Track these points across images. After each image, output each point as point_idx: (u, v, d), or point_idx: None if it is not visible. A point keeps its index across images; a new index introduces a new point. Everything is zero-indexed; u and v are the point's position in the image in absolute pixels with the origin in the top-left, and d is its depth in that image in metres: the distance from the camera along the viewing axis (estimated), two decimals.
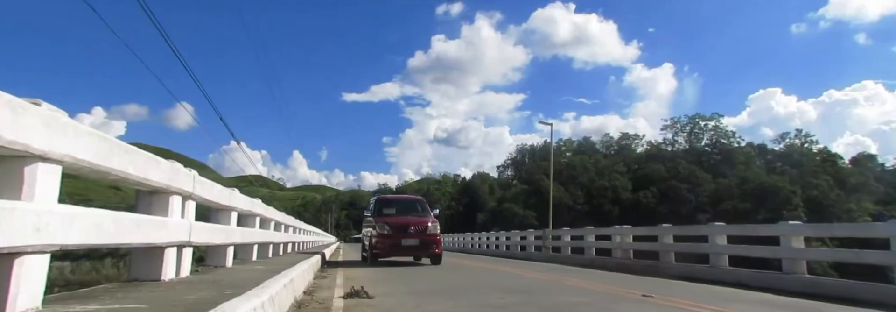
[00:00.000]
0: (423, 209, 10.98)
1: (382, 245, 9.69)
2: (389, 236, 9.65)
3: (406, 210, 10.78)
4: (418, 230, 9.78)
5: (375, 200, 11.69)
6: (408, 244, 9.67)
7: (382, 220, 10.00)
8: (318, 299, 4.39)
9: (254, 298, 2.63)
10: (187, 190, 3.67)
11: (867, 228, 6.65)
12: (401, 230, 9.69)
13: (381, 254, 9.84)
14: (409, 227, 9.75)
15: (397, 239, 9.62)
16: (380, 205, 11.06)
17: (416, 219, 10.13)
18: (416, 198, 12.56)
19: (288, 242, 10.52)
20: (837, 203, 49.47)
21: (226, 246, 5.21)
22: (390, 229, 9.72)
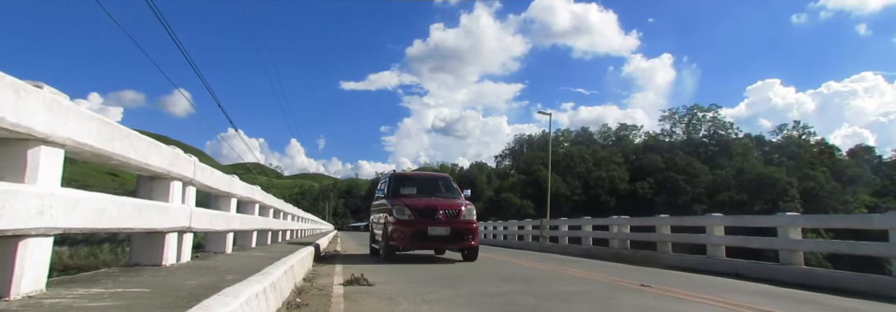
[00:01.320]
0: (451, 189, 8.63)
1: (402, 235, 7.31)
2: (412, 222, 7.33)
3: (429, 190, 8.47)
4: (449, 215, 7.49)
5: (390, 177, 8.81)
6: (436, 234, 7.31)
7: (402, 202, 7.63)
8: (318, 285, 4.41)
9: (255, 284, 2.64)
10: (188, 176, 3.66)
11: (864, 219, 6.69)
12: (427, 214, 7.44)
13: (400, 246, 7.45)
14: (437, 211, 7.46)
15: (422, 227, 7.29)
16: (396, 183, 8.50)
17: (445, 201, 7.84)
18: (441, 175, 10.02)
19: (286, 229, 10.54)
20: (834, 195, 49.80)
21: (226, 232, 5.22)
22: (413, 213, 7.40)
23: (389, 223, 7.49)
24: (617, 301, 3.82)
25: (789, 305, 4.00)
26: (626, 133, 71.92)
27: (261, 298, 2.60)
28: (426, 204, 7.64)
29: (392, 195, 8.13)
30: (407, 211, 7.42)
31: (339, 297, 3.69)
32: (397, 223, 7.39)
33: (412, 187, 8.49)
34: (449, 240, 7.50)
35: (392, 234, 7.41)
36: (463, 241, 7.52)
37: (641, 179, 57.14)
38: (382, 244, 7.77)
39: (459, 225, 7.46)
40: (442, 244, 7.76)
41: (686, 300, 4.06)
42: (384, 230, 7.68)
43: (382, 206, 8.25)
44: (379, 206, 8.70)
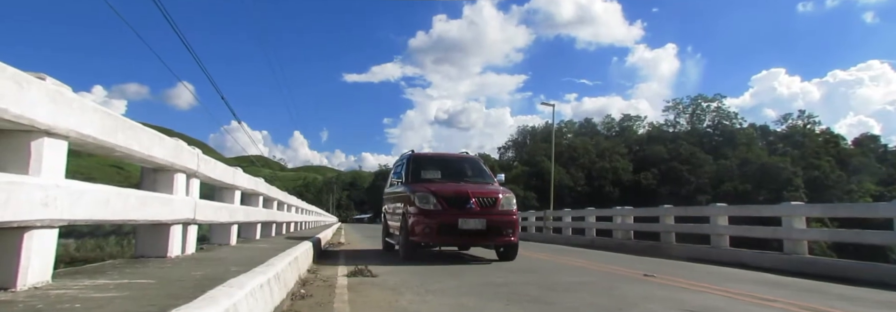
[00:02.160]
0: (481, 173, 7.28)
1: (426, 228, 5.93)
2: (438, 213, 5.95)
3: (456, 174, 7.10)
4: (484, 204, 6.07)
5: (409, 158, 7.37)
6: (468, 228, 5.88)
7: (425, 188, 6.23)
8: (323, 277, 4.44)
9: (260, 275, 2.65)
10: (191, 168, 3.67)
11: (869, 208, 6.66)
12: (457, 203, 6.03)
13: (423, 242, 6.09)
14: (469, 200, 6.05)
15: (451, 219, 5.89)
16: (416, 166, 7.16)
17: (478, 188, 6.46)
18: (468, 156, 8.14)
19: (290, 221, 10.59)
20: (838, 184, 49.62)
21: (230, 225, 5.25)
22: (440, 202, 6.01)
23: (409, 213, 6.09)
24: (620, 291, 3.83)
25: (791, 293, 4.00)
26: (629, 124, 71.67)
27: (265, 289, 2.61)
28: (455, 191, 6.18)
29: (412, 180, 6.78)
30: (432, 199, 6.01)
31: (343, 288, 3.72)
32: (420, 214, 5.96)
33: (435, 171, 7.11)
34: (484, 235, 5.97)
35: (413, 227, 5.97)
36: (501, 236, 6.02)
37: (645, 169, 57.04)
38: (401, 239, 6.37)
39: (497, 217, 6.03)
40: (475, 239, 6.14)
41: (689, 289, 4.07)
42: (403, 222, 6.23)
43: (400, 194, 6.82)
44: (395, 194, 7.21)
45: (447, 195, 6.12)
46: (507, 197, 6.29)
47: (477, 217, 5.95)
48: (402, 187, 6.84)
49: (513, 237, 6.10)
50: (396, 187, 7.30)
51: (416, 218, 6.00)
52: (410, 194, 6.25)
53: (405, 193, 6.48)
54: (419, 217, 5.99)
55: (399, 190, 6.99)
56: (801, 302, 3.50)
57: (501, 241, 6.13)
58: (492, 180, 7.07)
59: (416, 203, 6.05)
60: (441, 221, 5.92)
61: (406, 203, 6.31)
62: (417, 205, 6.03)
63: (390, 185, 8.01)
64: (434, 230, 5.91)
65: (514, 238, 6.13)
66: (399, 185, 7.14)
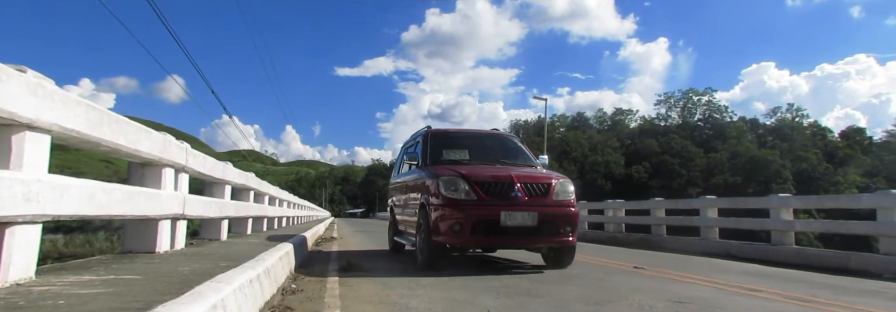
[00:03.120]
0: (519, 154, 5.77)
1: (456, 225, 4.39)
2: (473, 204, 4.44)
3: (488, 155, 5.56)
4: (533, 192, 4.57)
5: (426, 135, 5.75)
6: (514, 224, 4.40)
7: (454, 171, 4.70)
8: (315, 272, 4.44)
9: (249, 270, 2.64)
10: (180, 162, 3.63)
11: (854, 199, 6.77)
12: (497, 191, 4.52)
13: (451, 243, 4.49)
14: (513, 186, 4.53)
15: (491, 211, 4.40)
16: (437, 144, 5.59)
17: (523, 171, 4.93)
18: (501, 133, 6.61)
19: (282, 216, 10.55)
20: (825, 176, 50.32)
21: (220, 219, 5.22)
22: (474, 189, 4.49)
23: (431, 206, 4.55)
24: (611, 283, 3.86)
25: (777, 283, 4.06)
26: (621, 118, 71.96)
27: (255, 284, 2.60)
28: (494, 175, 4.63)
29: (432, 162, 5.27)
30: (463, 185, 4.45)
31: (334, 283, 3.71)
32: (447, 206, 4.42)
33: (461, 150, 5.55)
34: (535, 233, 4.46)
35: (437, 224, 4.42)
36: (556, 235, 4.53)
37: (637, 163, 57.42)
38: (420, 240, 4.79)
39: (551, 209, 4.51)
40: (523, 239, 4.55)
41: (678, 281, 4.11)
42: (422, 217, 4.75)
43: (415, 180, 5.36)
44: (408, 181, 5.77)
45: (484, 181, 4.50)
46: (563, 184, 4.69)
47: (526, 210, 4.37)
48: (419, 171, 5.25)
49: (572, 237, 4.57)
50: (410, 173, 5.70)
51: (442, 212, 4.39)
52: (432, 179, 4.66)
53: (424, 179, 4.92)
54: (446, 210, 4.38)
55: (414, 176, 5.41)
56: (787, 292, 3.55)
57: (557, 241, 4.55)
58: (534, 163, 5.51)
59: (441, 192, 4.45)
60: (477, 215, 4.33)
61: (425, 193, 4.76)
62: (443, 194, 4.43)
63: (399, 171, 6.60)
64: (467, 227, 4.31)
65: (573, 238, 4.59)
66: (413, 169, 5.56)
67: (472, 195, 4.45)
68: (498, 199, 4.46)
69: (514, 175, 4.62)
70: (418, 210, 4.93)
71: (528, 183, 4.58)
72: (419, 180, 5.18)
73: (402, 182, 6.22)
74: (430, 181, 4.75)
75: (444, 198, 4.47)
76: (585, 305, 2.91)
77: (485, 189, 4.48)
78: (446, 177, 4.58)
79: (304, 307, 2.82)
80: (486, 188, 4.49)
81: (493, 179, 4.58)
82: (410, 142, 6.41)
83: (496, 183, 4.54)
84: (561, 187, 4.68)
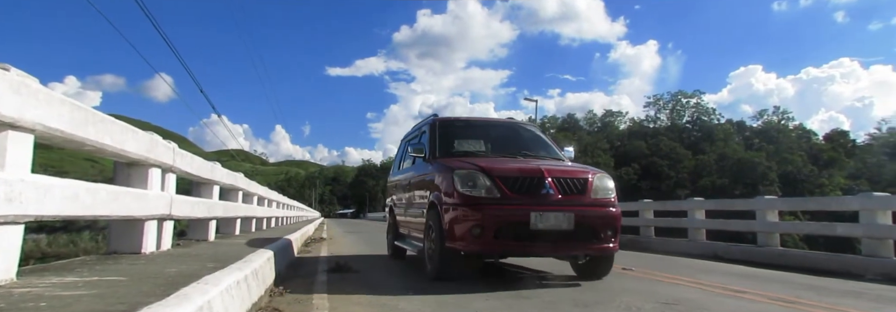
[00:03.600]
0: (542, 145, 5.03)
1: (476, 228, 3.67)
2: (496, 203, 3.75)
3: (507, 146, 4.87)
4: (568, 189, 3.86)
5: (433, 124, 4.99)
6: (547, 227, 3.67)
7: (471, 164, 4.01)
8: (303, 273, 4.41)
9: (237, 271, 2.62)
10: (167, 162, 3.59)
11: (837, 201, 6.89)
12: (525, 188, 3.80)
13: (470, 249, 3.73)
14: (543, 182, 3.82)
15: (519, 212, 3.70)
16: (447, 133, 4.88)
17: (552, 164, 4.22)
18: (520, 122, 6.21)
19: (271, 216, 10.47)
20: (810, 178, 51.11)
21: (208, 220, 5.17)
22: (497, 185, 3.78)
23: (444, 205, 3.85)
24: (598, 285, 3.89)
25: (761, 284, 4.12)
26: (611, 119, 72.48)
27: (242, 285, 2.58)
28: (521, 168, 3.93)
29: (443, 154, 4.54)
30: (483, 181, 3.74)
31: (322, 284, 3.70)
32: (464, 206, 3.70)
33: (476, 141, 4.92)
34: (571, 238, 3.71)
35: (451, 227, 3.72)
36: (596, 241, 3.78)
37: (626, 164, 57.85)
38: (429, 246, 4.13)
39: (590, 210, 3.79)
40: (557, 245, 3.77)
41: (666, 282, 4.15)
42: (433, 218, 4.01)
43: (421, 176, 4.70)
44: (411, 179, 5.07)
45: (508, 175, 3.77)
46: (602, 179, 3.97)
47: (559, 210, 3.63)
48: (427, 166, 4.56)
49: (614, 243, 3.83)
50: (415, 167, 4.98)
51: (458, 212, 3.68)
52: (445, 174, 3.97)
53: (433, 174, 4.28)
54: (462, 211, 3.67)
55: (420, 171, 4.74)
56: (770, 293, 3.61)
57: (597, 248, 3.79)
58: (560, 156, 4.80)
59: (456, 189, 3.75)
60: (501, 216, 3.62)
61: (436, 190, 4.09)
62: (459, 191, 3.73)
63: (400, 167, 5.90)
64: (489, 231, 3.57)
65: (614, 245, 3.83)
66: (419, 163, 4.82)
67: (495, 193, 3.69)
68: (526, 197, 3.70)
69: (545, 169, 3.85)
70: (426, 211, 4.25)
71: (562, 178, 3.82)
72: (427, 175, 4.46)
73: (404, 179, 5.43)
74: (442, 176, 4.06)
75: (461, 196, 3.72)
76: (574, 306, 2.93)
77: (510, 186, 3.72)
78: (463, 171, 3.84)
79: (292, 308, 2.81)
80: (512, 184, 3.73)
81: (520, 173, 3.82)
82: (414, 133, 5.66)
83: (523, 178, 3.77)
84: (600, 183, 3.93)
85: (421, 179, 4.71)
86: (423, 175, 4.63)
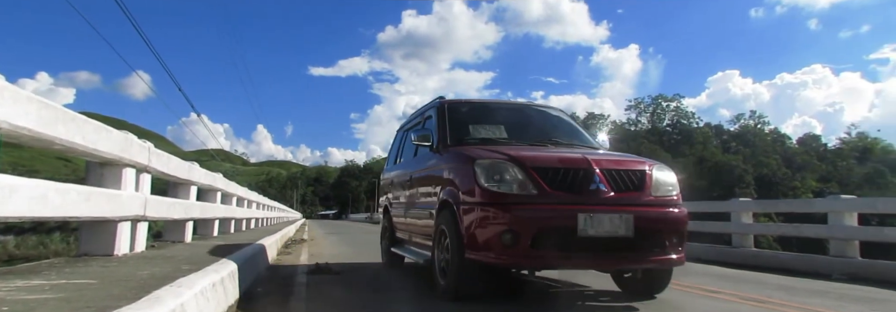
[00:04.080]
0: (573, 133, 4.29)
1: (508, 235, 2.74)
2: (532, 203, 2.85)
3: (533, 133, 4.07)
4: (622, 185, 2.99)
5: (442, 106, 4.15)
6: (600, 233, 2.77)
7: (498, 153, 3.13)
8: (283, 274, 4.36)
9: (213, 273, 2.58)
10: (142, 162, 3.52)
11: (807, 204, 7.10)
12: (568, 182, 2.91)
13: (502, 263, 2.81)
14: (592, 175, 2.94)
15: (563, 213, 2.80)
16: (458, 116, 4.07)
17: (598, 154, 3.37)
18: (541, 105, 5.00)
19: (251, 217, 10.32)
20: (784, 181, 52.54)
21: (184, 221, 5.07)
22: (532, 179, 2.89)
23: (463, 205, 3.04)
24: (577, 286, 3.93)
25: (734, 285, 4.22)
26: (593, 122, 73.27)
27: (218, 288, 2.54)
28: (562, 158, 3.16)
29: (455, 142, 3.70)
30: (515, 173, 2.94)
31: (302, 286, 3.66)
32: (491, 205, 2.89)
33: (495, 126, 4.03)
34: (630, 247, 2.92)
35: (473, 233, 2.90)
36: (661, 251, 2.99)
37: None
38: (441, 256, 3.27)
39: (653, 212, 3.01)
40: (613, 257, 2.96)
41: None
42: (447, 221, 3.18)
43: (427, 170, 3.88)
44: (412, 173, 4.29)
45: (546, 166, 2.97)
46: (663, 172, 3.18)
47: (615, 211, 2.84)
48: (435, 156, 3.73)
49: (681, 254, 3.02)
50: (418, 159, 4.20)
51: (483, 214, 2.86)
52: (464, 165, 3.15)
53: (446, 165, 3.44)
54: (489, 212, 2.85)
55: (426, 164, 3.89)
56: (743, 293, 3.70)
57: (661, 261, 2.98)
58: (596, 146, 4.05)
59: (480, 183, 2.92)
60: (540, 219, 2.81)
61: (449, 185, 3.27)
62: (484, 186, 2.90)
63: (397, 160, 5.09)
64: (525, 237, 2.74)
65: (680, 255, 3.01)
66: (425, 153, 4.00)
67: (530, 188, 2.85)
68: (571, 194, 2.86)
69: (592, 159, 3.03)
70: (436, 212, 3.38)
71: (614, 171, 3.00)
72: (437, 167, 3.60)
73: (404, 174, 4.60)
74: (458, 168, 3.21)
75: (486, 193, 2.88)
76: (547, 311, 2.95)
77: (549, 180, 2.88)
78: (487, 161, 2.99)
79: (269, 310, 2.77)
80: (552, 178, 2.89)
81: (561, 163, 3.00)
82: (415, 119, 4.80)
83: (566, 170, 2.94)
84: (661, 177, 3.12)
85: (427, 173, 3.83)
86: (431, 168, 3.74)
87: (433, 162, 3.76)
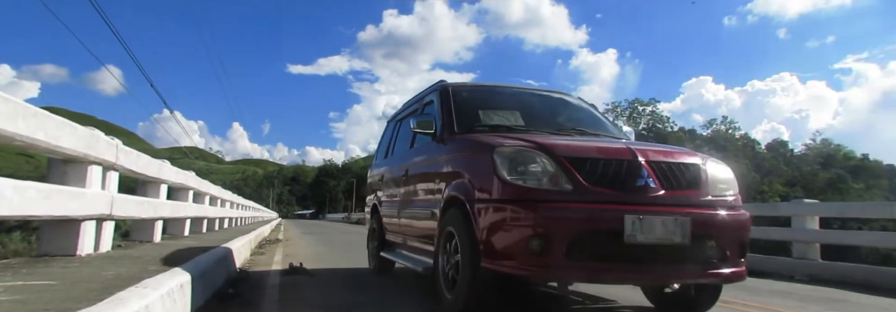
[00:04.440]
0: (597, 123, 3.69)
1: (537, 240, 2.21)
2: (566, 201, 2.29)
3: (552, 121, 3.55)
4: (672, 179, 2.45)
5: (445, 89, 3.55)
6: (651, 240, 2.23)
7: (520, 139, 2.62)
8: (256, 275, 4.28)
9: (181, 274, 2.52)
10: (109, 160, 3.41)
11: (773, 207, 7.35)
12: (609, 176, 2.38)
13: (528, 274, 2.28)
14: (638, 166, 2.42)
15: (606, 214, 2.27)
16: (465, 100, 3.46)
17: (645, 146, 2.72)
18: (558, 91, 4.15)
19: (224, 217, 10.12)
20: (753, 185, 54.21)
21: (153, 220, 4.94)
22: (566, 170, 2.35)
23: (478, 202, 2.49)
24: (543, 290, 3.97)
25: None
26: None
27: (186, 289, 2.48)
28: (601, 148, 2.63)
29: (463, 129, 3.17)
30: (544, 163, 2.40)
31: (274, 288, 3.60)
32: (514, 203, 2.33)
33: (510, 112, 3.52)
34: (684, 258, 2.37)
35: (492, 236, 2.36)
36: (721, 263, 2.43)
37: None
38: (447, 265, 2.80)
39: (711, 214, 2.46)
40: (666, 268, 2.37)
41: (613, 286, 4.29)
42: (459, 223, 2.62)
43: (429, 161, 3.39)
44: (408, 167, 3.78)
45: (583, 155, 2.48)
46: (719, 167, 2.71)
47: (669, 212, 2.34)
48: (438, 147, 3.22)
49: (741, 267, 2.52)
50: (418, 152, 3.65)
51: (504, 214, 2.37)
52: (477, 154, 2.70)
53: (454, 155, 2.96)
54: (512, 211, 2.35)
55: (428, 155, 3.38)
56: None
57: (722, 275, 2.45)
58: (623, 137, 3.47)
59: (500, 175, 2.42)
60: (579, 220, 2.30)
61: (458, 178, 2.79)
62: (506, 179, 2.40)
63: (388, 153, 4.60)
64: (559, 243, 2.25)
65: (742, 268, 2.52)
66: (427, 144, 3.45)
67: (564, 183, 2.33)
68: (614, 191, 2.35)
69: (636, 149, 2.52)
70: (441, 211, 2.89)
71: (664, 164, 2.49)
72: (442, 158, 3.09)
73: (397, 168, 4.08)
74: (471, 158, 2.73)
75: (509, 187, 2.36)
76: None
77: (587, 173, 2.36)
78: (509, 148, 2.47)
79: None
80: (590, 171, 2.37)
81: (601, 154, 2.48)
82: (412, 106, 4.22)
83: (607, 162, 2.42)
84: (717, 173, 2.63)
85: (429, 165, 3.32)
86: (434, 160, 3.22)
87: (436, 153, 3.22)
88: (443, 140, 3.19)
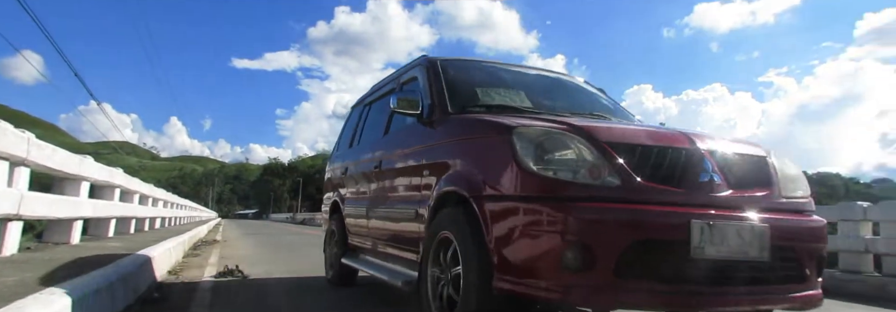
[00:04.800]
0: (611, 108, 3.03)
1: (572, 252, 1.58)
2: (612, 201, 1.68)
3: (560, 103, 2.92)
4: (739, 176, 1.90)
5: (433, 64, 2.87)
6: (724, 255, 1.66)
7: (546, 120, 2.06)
8: (186, 278, 4.07)
9: (98, 279, 2.34)
10: (17, 155, 3.11)
11: None
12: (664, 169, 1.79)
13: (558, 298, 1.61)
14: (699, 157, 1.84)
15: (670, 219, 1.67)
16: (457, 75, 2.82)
17: (698, 132, 2.05)
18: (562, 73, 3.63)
19: (155, 217, 9.52)
20: None
21: (71, 221, 4.56)
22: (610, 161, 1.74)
23: (489, 200, 1.83)
24: None
25: None
26: None
27: (104, 294, 2.30)
28: (651, 133, 1.98)
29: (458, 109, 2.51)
30: (581, 150, 1.76)
31: (205, 291, 3.42)
32: (540, 201, 1.69)
33: (514, 92, 2.85)
34: (760, 279, 1.75)
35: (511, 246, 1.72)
36: (799, 284, 1.84)
37: None
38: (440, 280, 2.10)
39: (787, 221, 1.88)
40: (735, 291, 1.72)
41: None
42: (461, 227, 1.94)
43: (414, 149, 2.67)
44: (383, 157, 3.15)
45: (631, 142, 1.87)
46: (786, 162, 2.13)
47: (743, 217, 1.77)
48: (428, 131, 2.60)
49: (819, 288, 1.93)
50: (398, 138, 3.05)
51: (527, 217, 1.71)
52: (486, 137, 2.07)
53: (452, 140, 2.34)
54: (538, 213, 1.68)
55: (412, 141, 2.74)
56: None
57: (801, 298, 1.85)
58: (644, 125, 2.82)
59: (521, 164, 1.75)
60: (633, 226, 1.66)
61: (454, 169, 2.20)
62: (529, 169, 1.74)
63: (356, 141, 3.95)
64: (606, 257, 1.60)
65: (818, 290, 1.92)
66: (410, 127, 2.85)
67: (609, 176, 1.76)
68: (673, 189, 1.80)
69: (692, 135, 1.98)
70: (431, 210, 2.28)
71: (728, 156, 1.96)
72: (432, 144, 2.49)
73: (367, 159, 3.43)
74: (478, 143, 2.13)
75: (533, 179, 1.75)
76: None
77: (637, 164, 1.81)
78: (532, 129, 1.89)
79: None
80: (641, 162, 1.82)
81: (653, 140, 1.92)
82: (388, 86, 3.54)
83: (662, 151, 1.87)
84: (786, 169, 2.11)
85: (412, 154, 2.68)
86: (420, 147, 2.59)
87: (424, 138, 2.58)
88: (431, 123, 2.56)
